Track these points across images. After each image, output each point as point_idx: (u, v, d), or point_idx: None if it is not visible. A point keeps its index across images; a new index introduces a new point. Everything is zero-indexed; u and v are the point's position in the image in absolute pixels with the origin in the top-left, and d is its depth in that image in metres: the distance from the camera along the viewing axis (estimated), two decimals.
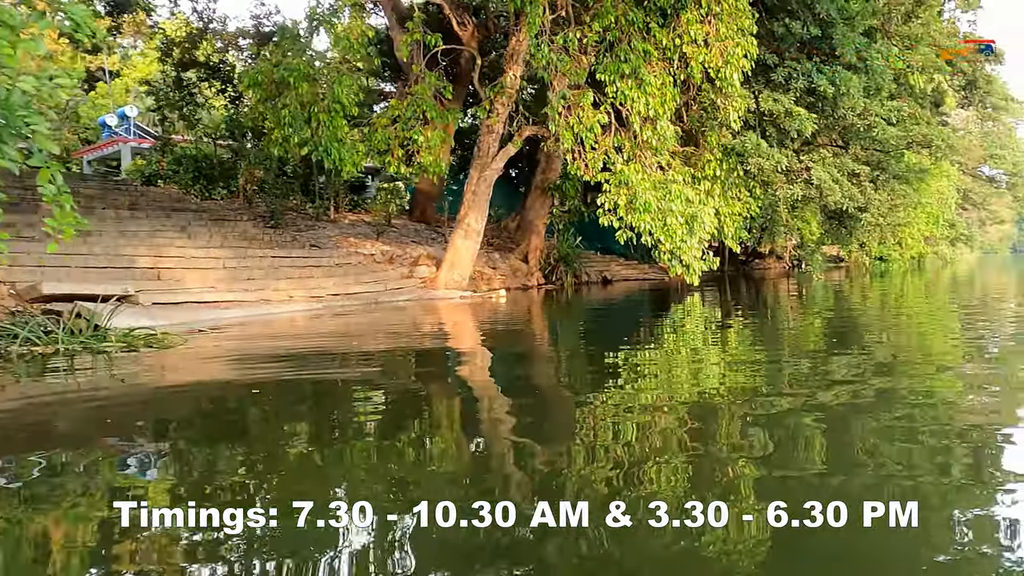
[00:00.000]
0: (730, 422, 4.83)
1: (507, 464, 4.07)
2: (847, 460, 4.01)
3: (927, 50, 19.43)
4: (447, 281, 17.90)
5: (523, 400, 5.98)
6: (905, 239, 32.26)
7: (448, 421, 5.30)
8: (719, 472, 3.74)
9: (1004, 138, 58.72)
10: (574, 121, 15.03)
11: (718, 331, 11.28)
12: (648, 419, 5.00)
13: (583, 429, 4.87)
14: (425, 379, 7.33)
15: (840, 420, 4.84)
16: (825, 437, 4.41)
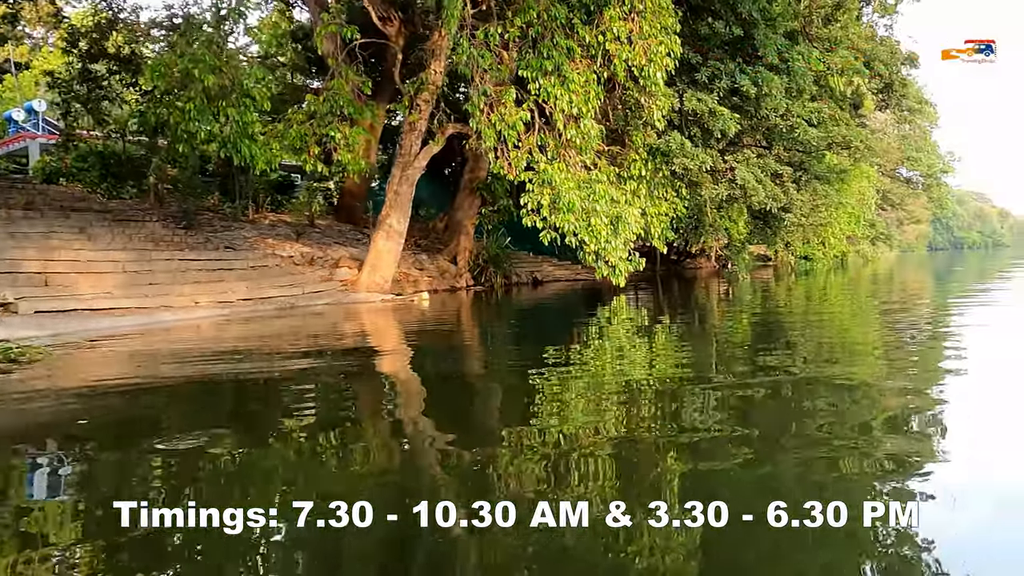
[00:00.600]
0: (656, 424, 4.79)
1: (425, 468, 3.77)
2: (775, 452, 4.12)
3: (846, 53, 19.74)
4: (368, 284, 17.25)
5: (435, 417, 5.51)
6: (828, 238, 32.95)
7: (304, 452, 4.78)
8: (647, 469, 3.79)
9: (920, 141, 61.06)
10: (496, 119, 14.61)
11: (641, 333, 11.06)
12: (573, 421, 4.83)
13: (504, 437, 4.61)
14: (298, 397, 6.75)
15: (765, 417, 4.91)
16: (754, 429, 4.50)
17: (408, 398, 6.32)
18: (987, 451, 4.18)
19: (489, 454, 4.22)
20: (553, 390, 6.20)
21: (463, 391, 6.62)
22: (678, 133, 16.77)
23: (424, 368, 8.17)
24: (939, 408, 5.16)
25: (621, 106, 17.18)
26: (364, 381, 7.28)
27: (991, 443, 4.34)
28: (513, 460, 4.10)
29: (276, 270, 17.42)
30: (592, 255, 15.14)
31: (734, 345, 9.39)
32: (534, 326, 13.80)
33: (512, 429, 4.87)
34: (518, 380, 7.09)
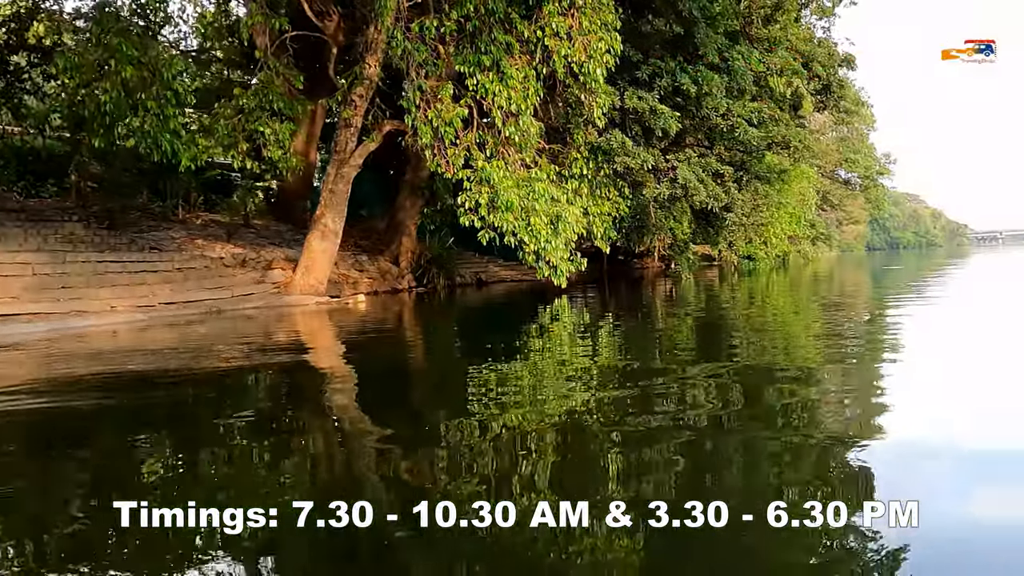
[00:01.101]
0: (593, 430, 4.66)
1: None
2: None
3: (785, 54, 19.87)
4: (302, 286, 16.60)
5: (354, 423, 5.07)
6: (770, 238, 33.40)
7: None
8: (582, 474, 3.69)
9: (857, 143, 62.69)
10: (433, 115, 14.17)
11: (579, 334, 10.78)
12: (509, 427, 4.66)
13: (439, 438, 4.48)
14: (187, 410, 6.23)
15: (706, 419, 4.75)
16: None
17: (331, 416, 5.86)
18: (917, 426, 4.53)
19: (423, 456, 4.15)
20: (488, 398, 5.85)
21: (391, 400, 6.18)
22: (619, 132, 16.58)
23: (353, 376, 7.70)
24: (876, 393, 5.52)
25: (562, 104, 16.90)
26: (280, 395, 6.78)
27: (921, 418, 4.72)
28: (447, 458, 4.07)
29: (204, 272, 16.63)
30: (532, 255, 14.81)
31: (674, 345, 9.18)
32: (472, 329, 13.43)
33: (450, 425, 4.84)
34: (451, 385, 6.75)
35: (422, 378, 7.66)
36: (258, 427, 5.09)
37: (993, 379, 5.99)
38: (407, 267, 24.63)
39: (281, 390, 6.87)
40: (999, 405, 4.97)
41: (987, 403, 5.02)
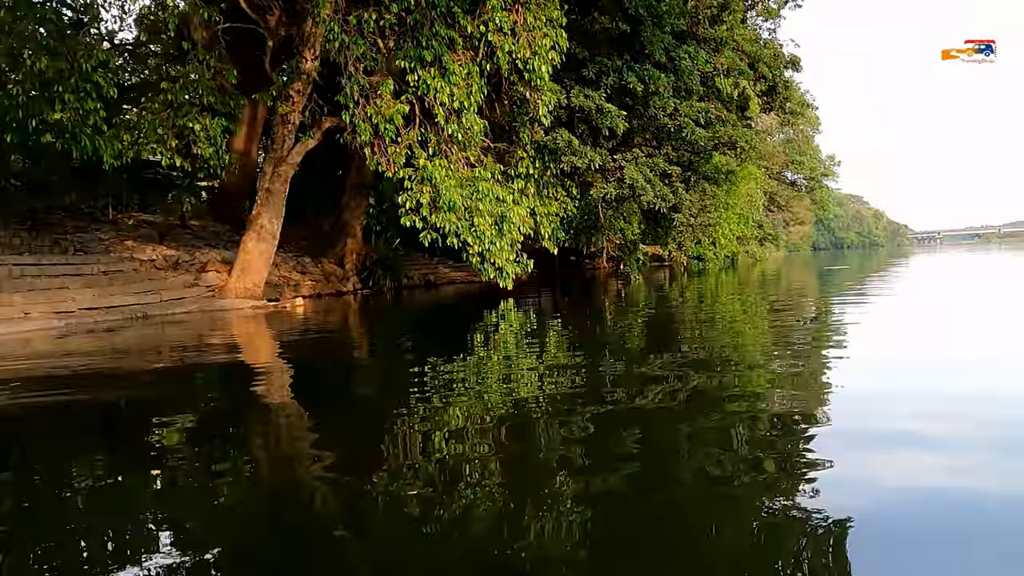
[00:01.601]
0: (542, 429, 4.52)
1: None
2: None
3: (732, 54, 19.84)
4: (238, 289, 15.90)
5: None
6: (719, 239, 33.63)
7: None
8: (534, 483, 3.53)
9: (803, 145, 63.94)
10: (372, 111, 13.65)
11: (527, 336, 10.41)
12: (457, 437, 4.41)
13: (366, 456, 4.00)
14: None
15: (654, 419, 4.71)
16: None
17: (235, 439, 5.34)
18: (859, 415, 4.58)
19: (359, 459, 4.07)
20: (428, 401, 5.46)
21: (324, 407, 5.70)
22: (566, 130, 16.27)
23: (281, 383, 7.16)
24: (821, 386, 5.60)
25: (507, 101, 16.53)
26: (193, 408, 6.22)
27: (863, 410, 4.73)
28: (387, 460, 4.00)
29: (132, 275, 15.79)
30: (477, 257, 14.40)
31: (622, 349, 8.87)
32: (414, 332, 12.93)
33: (387, 428, 4.75)
34: (389, 389, 6.37)
35: (357, 382, 7.20)
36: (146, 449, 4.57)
37: (932, 370, 6.22)
38: (352, 269, 24.00)
39: (195, 402, 6.32)
40: (937, 393, 5.15)
41: (927, 393, 5.18)
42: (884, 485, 3.23)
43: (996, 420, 4.35)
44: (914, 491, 3.15)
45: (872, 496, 3.10)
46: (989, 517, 2.87)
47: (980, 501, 3.03)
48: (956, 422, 4.29)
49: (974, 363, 6.48)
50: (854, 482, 3.29)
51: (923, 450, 3.72)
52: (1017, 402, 4.88)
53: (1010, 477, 3.29)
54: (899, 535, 2.73)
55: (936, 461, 3.55)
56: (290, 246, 24.03)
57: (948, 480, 3.28)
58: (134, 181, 23.17)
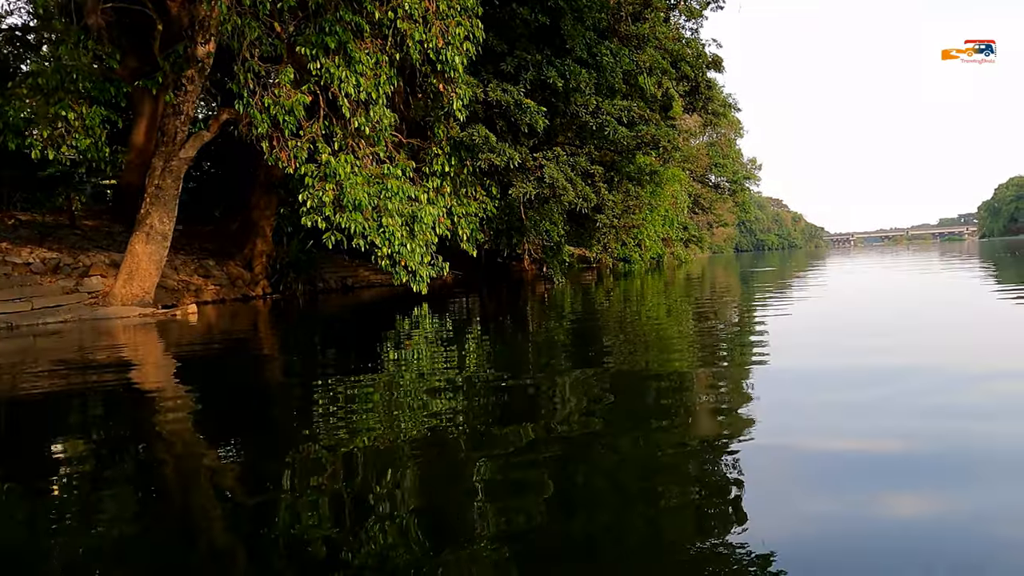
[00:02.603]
0: (454, 453, 4.13)
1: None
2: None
3: (654, 52, 19.45)
4: (124, 295, 14.50)
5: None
6: (644, 240, 33.46)
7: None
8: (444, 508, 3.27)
9: (726, 148, 65.09)
10: (269, 101, 12.55)
11: (444, 343, 9.56)
12: (360, 466, 3.95)
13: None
14: None
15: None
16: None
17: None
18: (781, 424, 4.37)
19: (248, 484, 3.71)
20: (322, 435, 4.63)
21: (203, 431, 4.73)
22: (483, 126, 15.48)
23: (155, 402, 6.10)
24: (745, 393, 5.35)
25: (421, 95, 15.62)
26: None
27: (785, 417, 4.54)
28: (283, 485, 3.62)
29: (0, 281, 14.20)
30: (386, 259, 13.45)
31: (541, 358, 8.14)
32: (320, 342, 11.89)
33: (278, 451, 4.29)
34: (280, 407, 5.58)
35: (248, 404, 6.19)
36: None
37: (856, 376, 5.85)
38: (262, 272, 22.64)
39: (50, 437, 5.22)
40: (863, 402, 4.84)
41: (852, 399, 4.92)
42: (809, 509, 3.01)
43: (923, 430, 4.11)
44: (841, 515, 2.92)
45: (796, 522, 2.90)
46: (917, 541, 2.67)
47: (914, 523, 2.83)
48: (885, 434, 4.06)
49: (894, 370, 6.12)
50: (778, 506, 3.08)
51: (848, 467, 3.51)
52: (940, 410, 4.59)
53: (939, 496, 3.10)
54: (822, 562, 2.55)
55: (863, 479, 3.32)
56: (192, 248, 22.49)
57: (877, 502, 3.06)
58: (19, 178, 21.29)
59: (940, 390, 5.19)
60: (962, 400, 4.93)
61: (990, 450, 3.67)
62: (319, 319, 16.46)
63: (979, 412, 4.56)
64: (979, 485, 3.20)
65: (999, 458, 3.53)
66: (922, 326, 9.84)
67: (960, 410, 4.61)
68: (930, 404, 4.72)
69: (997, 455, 3.58)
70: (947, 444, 3.82)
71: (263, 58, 12.93)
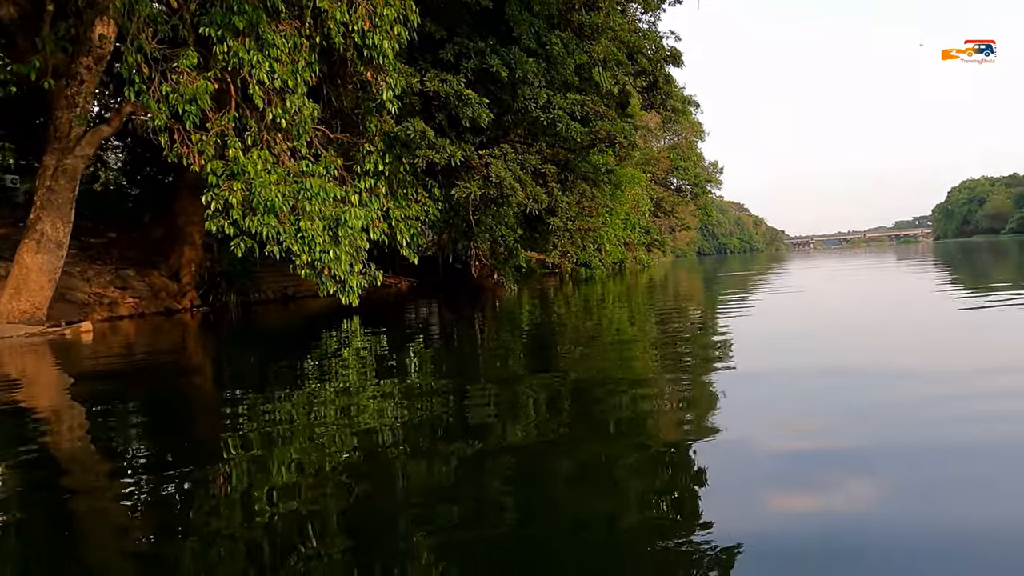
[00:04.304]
0: (397, 477, 3.74)
1: None
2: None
3: (608, 44, 18.22)
4: (12, 312, 12.75)
5: None
6: (604, 244, 32.30)
7: None
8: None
9: (687, 151, 64.45)
10: (168, 89, 10.96)
11: (387, 357, 8.34)
12: (291, 490, 3.51)
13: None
14: None
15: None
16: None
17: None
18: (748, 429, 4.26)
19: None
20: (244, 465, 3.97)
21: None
22: (420, 120, 14.04)
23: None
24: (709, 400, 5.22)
25: (351, 85, 14.12)
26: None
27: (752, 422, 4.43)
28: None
29: None
30: (306, 268, 11.91)
31: (493, 371, 7.13)
32: (246, 357, 10.33)
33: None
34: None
35: (141, 445, 4.74)
36: None
37: (818, 380, 5.81)
38: (190, 282, 20.88)
39: None
40: (825, 406, 4.84)
41: (815, 403, 4.92)
42: (772, 512, 2.93)
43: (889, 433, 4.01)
44: (804, 516, 2.87)
45: (761, 524, 2.79)
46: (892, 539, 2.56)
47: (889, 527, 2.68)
48: (847, 435, 4.02)
49: (859, 371, 6.05)
50: (743, 511, 2.97)
51: (809, 470, 3.45)
52: (907, 410, 4.51)
53: (904, 493, 3.02)
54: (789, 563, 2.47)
55: (828, 480, 3.28)
56: (110, 257, 20.65)
57: (842, 503, 2.99)
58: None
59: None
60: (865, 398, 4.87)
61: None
62: (253, 333, 14.88)
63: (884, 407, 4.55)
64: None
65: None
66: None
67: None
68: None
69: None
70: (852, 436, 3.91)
71: (161, 40, 11.34)
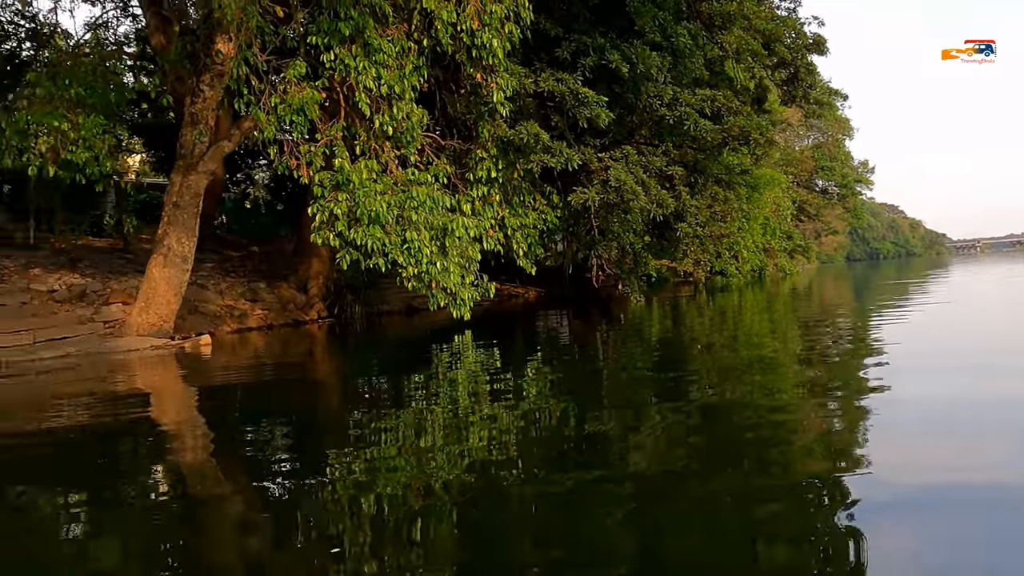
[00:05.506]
0: (510, 493, 3.66)
1: None
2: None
3: (742, 33, 16.72)
4: (140, 324, 13.13)
5: None
6: (741, 251, 30.26)
7: None
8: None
9: (833, 150, 60.11)
10: (276, 100, 10.81)
11: (502, 373, 7.77)
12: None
13: None
14: None
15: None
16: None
17: None
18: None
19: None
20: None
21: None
22: (533, 122, 13.26)
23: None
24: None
25: (464, 89, 13.58)
26: None
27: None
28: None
29: (7, 311, 13.12)
30: (413, 280, 11.41)
31: (619, 396, 6.33)
32: (364, 375, 10.00)
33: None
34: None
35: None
36: None
37: (992, 413, 4.91)
38: (318, 294, 21.17)
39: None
40: (996, 441, 4.13)
41: (983, 438, 4.22)
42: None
43: None
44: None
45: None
46: None
47: None
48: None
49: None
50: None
51: (975, 513, 2.96)
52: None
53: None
54: None
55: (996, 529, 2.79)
56: (244, 270, 21.35)
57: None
58: (74, 198, 20.71)
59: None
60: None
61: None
62: (376, 345, 14.75)
63: None
64: None
65: None
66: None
67: None
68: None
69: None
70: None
71: (272, 51, 11.25)
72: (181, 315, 14.56)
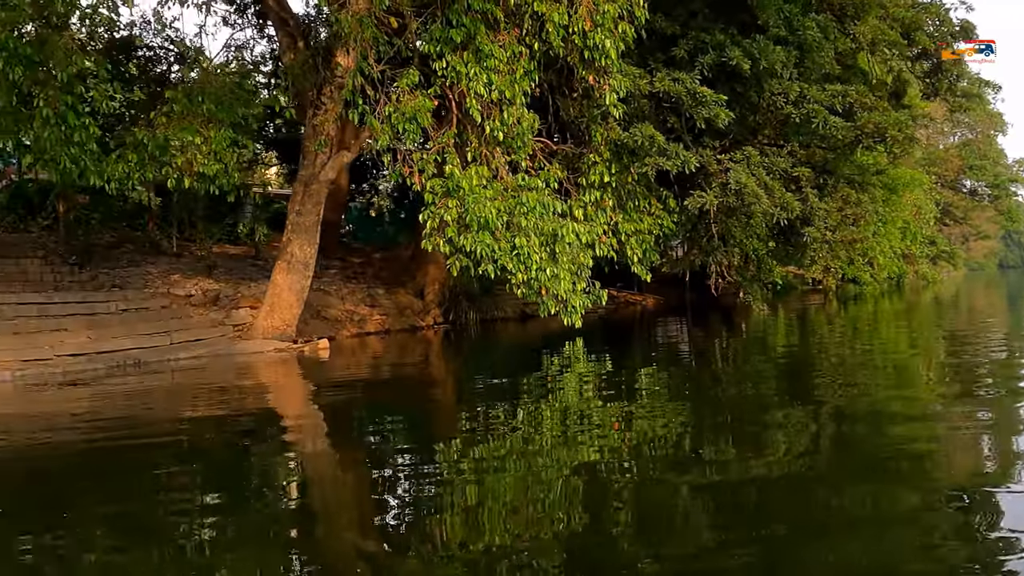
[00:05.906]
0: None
1: None
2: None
3: (878, 23, 15.55)
4: (265, 328, 13.73)
5: None
6: (876, 258, 28.24)
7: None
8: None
9: (983, 147, 55.31)
10: (390, 109, 11.00)
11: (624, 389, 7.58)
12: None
13: None
14: None
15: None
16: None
17: None
18: None
19: None
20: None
21: None
22: (648, 124, 12.81)
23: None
24: None
25: (576, 92, 13.33)
26: None
27: None
28: None
29: (153, 314, 14.07)
30: (522, 287, 11.27)
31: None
32: (475, 382, 10.09)
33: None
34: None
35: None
36: None
37: None
38: (434, 300, 21.52)
39: None
40: None
41: None
42: None
43: None
44: None
45: None
46: None
47: None
48: None
49: None
50: None
51: None
52: None
53: None
54: None
55: None
56: (364, 276, 22.03)
57: None
58: (212, 209, 22.04)
59: None
60: None
61: None
62: (486, 350, 14.89)
63: None
64: None
65: None
66: None
67: None
68: None
69: None
70: None
71: (386, 61, 11.47)
72: (304, 319, 15.17)
